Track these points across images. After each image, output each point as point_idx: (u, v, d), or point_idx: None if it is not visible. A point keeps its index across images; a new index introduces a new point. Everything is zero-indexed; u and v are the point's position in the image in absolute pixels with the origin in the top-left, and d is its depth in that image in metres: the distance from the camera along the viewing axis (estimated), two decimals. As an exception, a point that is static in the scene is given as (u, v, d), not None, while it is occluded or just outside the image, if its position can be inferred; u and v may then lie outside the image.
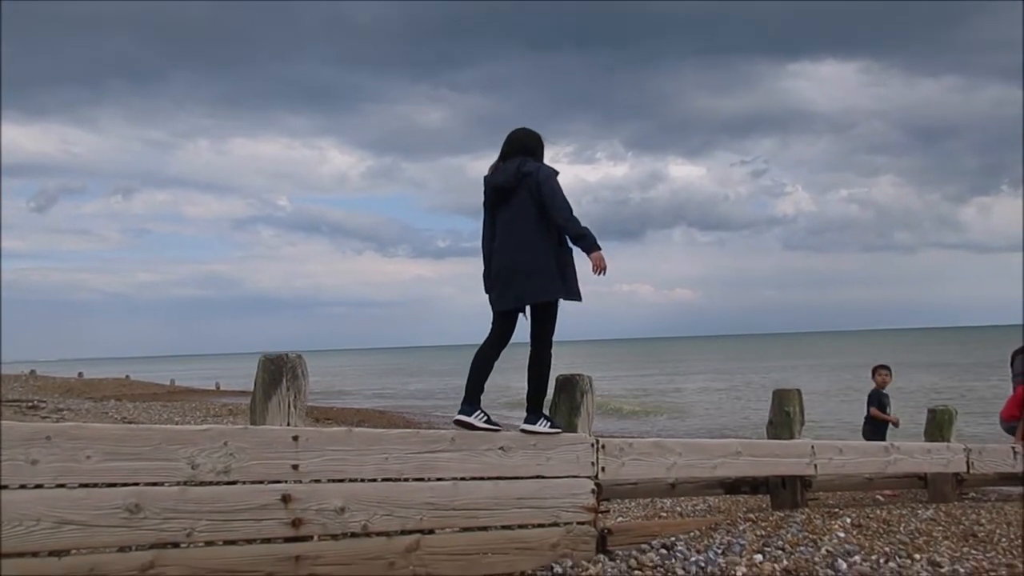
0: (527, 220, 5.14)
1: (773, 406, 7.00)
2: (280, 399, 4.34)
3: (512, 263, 5.14)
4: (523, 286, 5.12)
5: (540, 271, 5.10)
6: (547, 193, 5.09)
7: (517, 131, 5.40)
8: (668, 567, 5.00)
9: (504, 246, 5.22)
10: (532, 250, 5.11)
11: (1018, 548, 5.50)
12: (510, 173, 5.20)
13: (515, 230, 5.18)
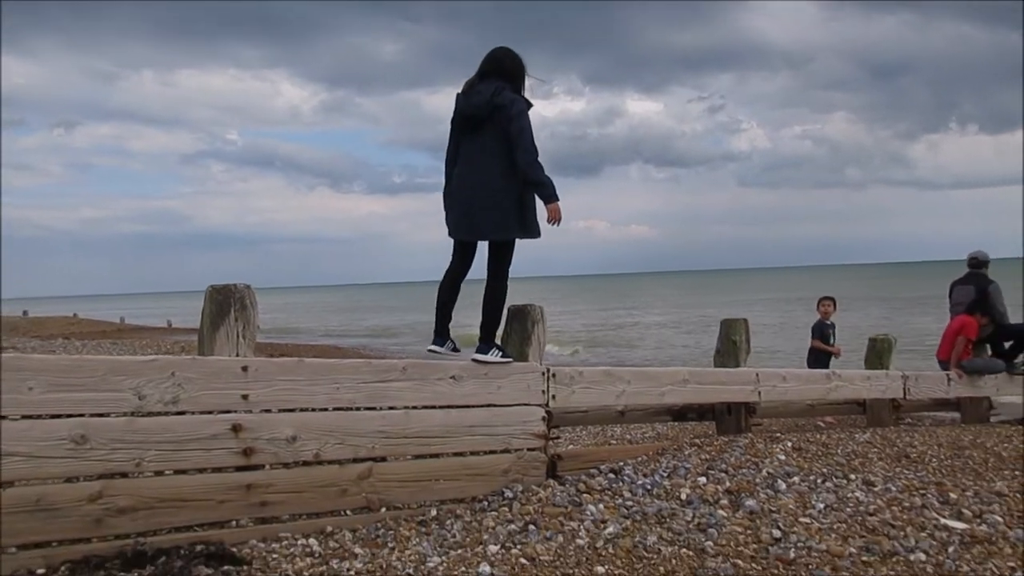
0: (492, 155, 5.08)
1: (720, 335, 7.16)
2: (228, 330, 4.31)
3: (472, 197, 5.12)
4: (480, 222, 5.12)
5: (498, 208, 5.08)
6: (515, 132, 5.00)
7: (499, 50, 5.24)
8: (616, 490, 5.15)
9: (465, 178, 5.17)
10: (493, 187, 5.07)
11: (947, 467, 5.78)
12: (481, 102, 5.06)
13: (479, 163, 5.13)
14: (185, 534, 4.02)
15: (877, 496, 5.07)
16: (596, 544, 4.34)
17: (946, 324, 9.62)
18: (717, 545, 4.34)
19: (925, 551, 4.24)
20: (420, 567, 3.98)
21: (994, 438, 6.84)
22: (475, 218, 5.12)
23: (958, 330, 9.04)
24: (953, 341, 9.00)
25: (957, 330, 9.05)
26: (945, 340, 9.25)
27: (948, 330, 9.30)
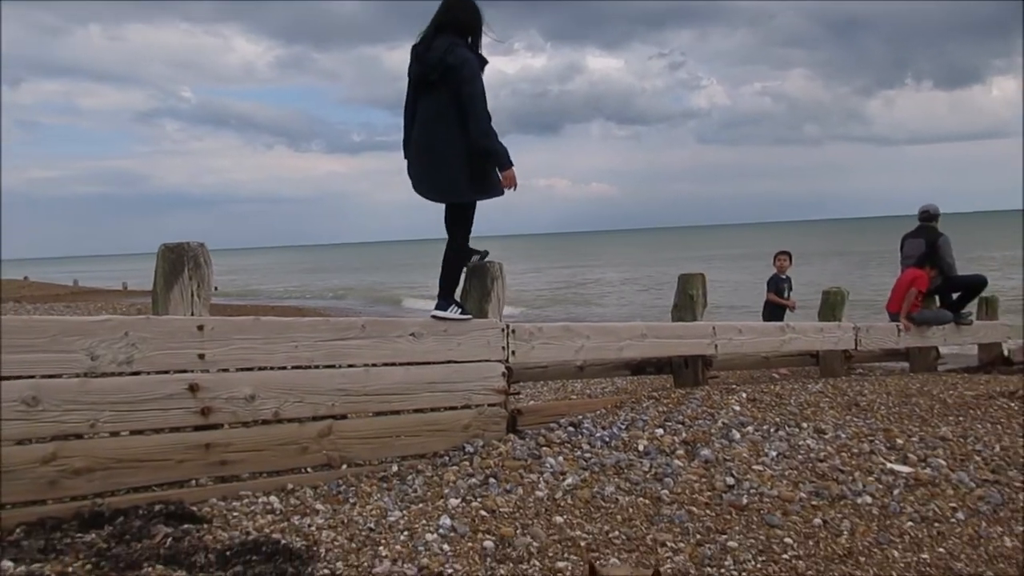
0: (444, 116, 5.00)
1: (678, 290, 7.25)
2: (183, 288, 4.25)
3: (425, 160, 5.10)
4: (434, 184, 5.11)
5: (450, 172, 5.04)
6: (467, 98, 4.92)
7: None
8: (575, 443, 5.23)
9: (420, 140, 5.13)
10: (444, 151, 5.02)
11: (895, 415, 5.97)
12: (434, 61, 4.95)
13: (433, 125, 5.06)
14: (143, 494, 4.01)
15: (827, 443, 5.22)
16: (555, 495, 4.43)
17: (897, 277, 9.85)
18: (673, 493, 4.45)
19: (871, 494, 4.40)
20: (381, 521, 4.03)
21: (940, 386, 7.07)
22: (430, 180, 5.11)
23: (909, 283, 9.25)
24: (904, 293, 9.21)
25: (908, 283, 9.25)
26: (896, 292, 9.46)
27: (899, 283, 9.51)
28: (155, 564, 3.26)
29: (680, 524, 4.05)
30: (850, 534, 3.89)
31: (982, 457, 4.94)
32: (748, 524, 4.05)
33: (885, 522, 4.04)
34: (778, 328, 8.02)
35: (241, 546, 3.48)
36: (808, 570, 3.48)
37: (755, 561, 3.59)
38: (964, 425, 5.69)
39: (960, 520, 4.05)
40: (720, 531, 3.96)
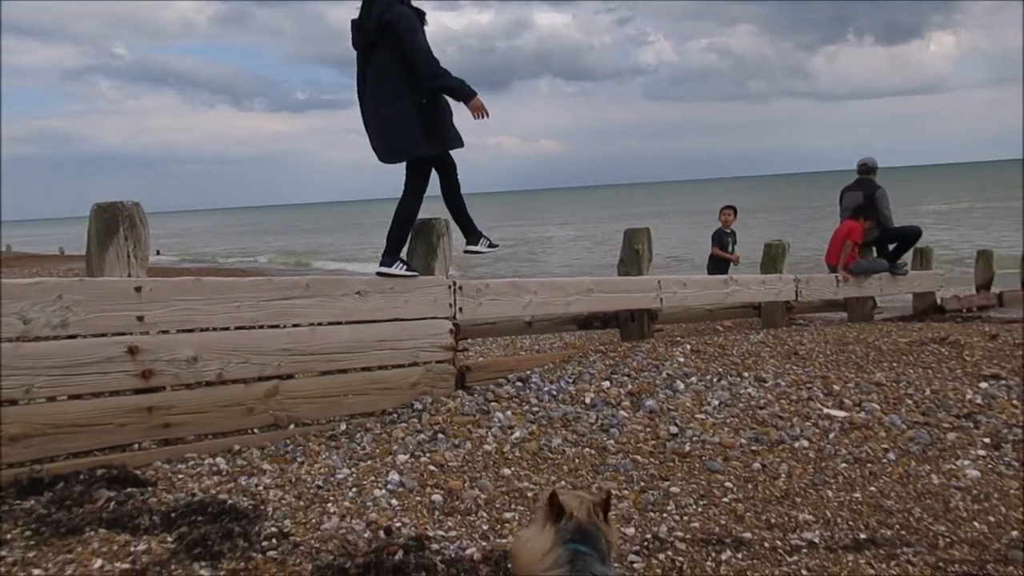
0: (392, 75, 4.98)
1: (624, 245, 7.31)
2: (118, 249, 4.13)
3: (378, 121, 5.09)
4: (390, 144, 5.10)
5: (401, 129, 5.02)
6: (409, 50, 4.88)
7: None
8: (523, 397, 5.29)
9: (370, 104, 5.13)
10: (396, 108, 5.00)
11: (832, 362, 6.16)
12: (371, 25, 4.95)
13: (380, 86, 5.05)
14: (84, 459, 3.94)
15: (768, 391, 5.37)
16: (503, 449, 4.48)
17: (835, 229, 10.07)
18: (618, 443, 4.54)
19: (808, 438, 4.55)
20: (329, 479, 4.04)
21: (876, 334, 7.30)
22: (384, 142, 5.11)
23: (845, 235, 9.45)
24: (841, 246, 9.42)
25: (844, 235, 9.46)
26: (833, 245, 9.67)
27: (835, 235, 9.71)
28: (97, 528, 3.22)
29: (625, 472, 4.14)
30: (787, 477, 4.03)
31: (913, 400, 5.13)
32: (690, 470, 4.16)
33: (821, 464, 4.19)
34: (721, 281, 8.16)
35: (187, 507, 3.45)
36: (747, 512, 3.59)
37: (696, 505, 3.70)
38: (897, 371, 5.90)
39: (891, 460, 4.22)
40: (663, 478, 4.07)
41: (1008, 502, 3.62)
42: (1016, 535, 3.26)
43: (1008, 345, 6.45)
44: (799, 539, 3.27)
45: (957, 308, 10.64)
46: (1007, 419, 4.74)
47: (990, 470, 4.04)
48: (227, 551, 3.07)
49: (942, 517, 3.48)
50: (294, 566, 3.01)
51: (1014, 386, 5.36)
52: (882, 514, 3.52)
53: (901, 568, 2.96)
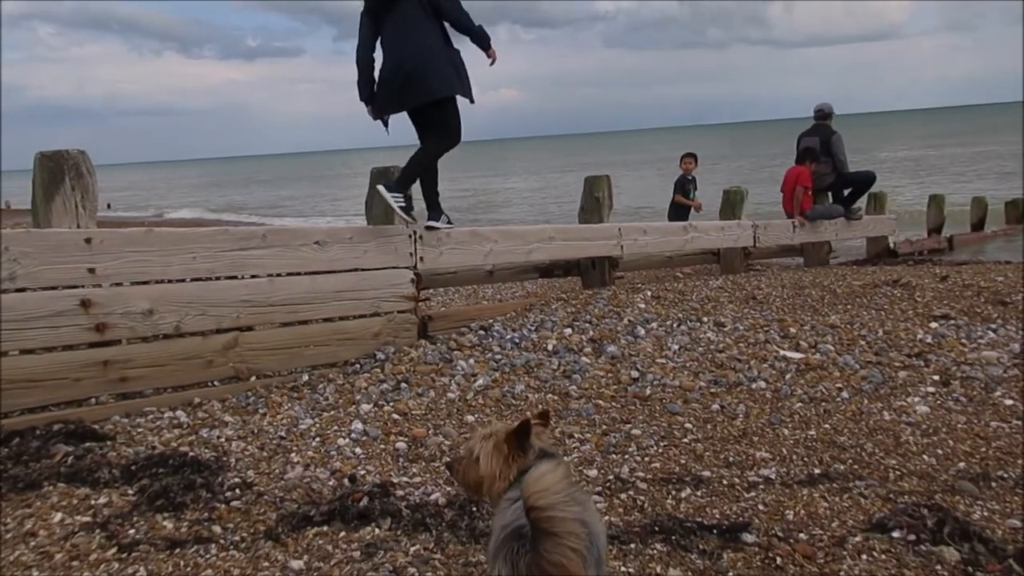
0: (418, 23, 5.12)
1: (584, 192, 7.30)
2: (65, 199, 4.02)
3: (409, 66, 5.13)
4: (425, 83, 5.17)
5: (440, 67, 5.17)
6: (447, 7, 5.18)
7: None
8: (486, 346, 5.31)
9: (403, 48, 5.18)
10: (427, 51, 5.13)
11: (789, 306, 6.26)
12: None
13: (407, 34, 5.15)
14: (40, 414, 3.88)
15: (726, 335, 5.45)
16: (467, 396, 4.51)
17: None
18: (580, 389, 4.59)
19: (765, 380, 4.64)
20: (292, 429, 4.03)
21: (831, 277, 7.43)
22: (419, 82, 5.16)
23: (794, 180, 9.51)
24: (792, 191, 9.51)
25: (794, 180, 9.52)
26: (785, 192, 9.75)
27: (786, 181, 9.75)
28: (56, 482, 3.18)
29: (587, 416, 4.19)
30: (745, 417, 4.12)
31: (866, 341, 5.25)
32: (651, 413, 4.23)
33: (777, 404, 4.29)
34: (681, 228, 8.21)
35: (147, 460, 3.43)
36: (706, 451, 3.67)
37: (657, 446, 3.77)
38: (851, 312, 6.02)
39: (845, 399, 4.33)
40: (625, 421, 4.13)
41: (956, 436, 3.74)
42: (963, 467, 3.38)
43: (958, 286, 6.61)
44: (756, 476, 3.36)
45: (909, 252, 10.89)
46: (956, 357, 4.87)
47: (939, 406, 4.17)
48: (190, 502, 3.06)
49: (893, 451, 3.59)
50: (258, 515, 3.01)
51: (963, 325, 5.50)
52: (835, 450, 3.62)
53: (853, 500, 3.06)
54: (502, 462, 2.06)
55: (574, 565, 1.67)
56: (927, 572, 2.51)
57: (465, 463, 2.15)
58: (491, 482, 2.07)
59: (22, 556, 2.62)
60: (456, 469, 2.20)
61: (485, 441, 2.11)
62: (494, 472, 2.06)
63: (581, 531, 1.70)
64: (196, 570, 2.58)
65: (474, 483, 2.13)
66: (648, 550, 2.69)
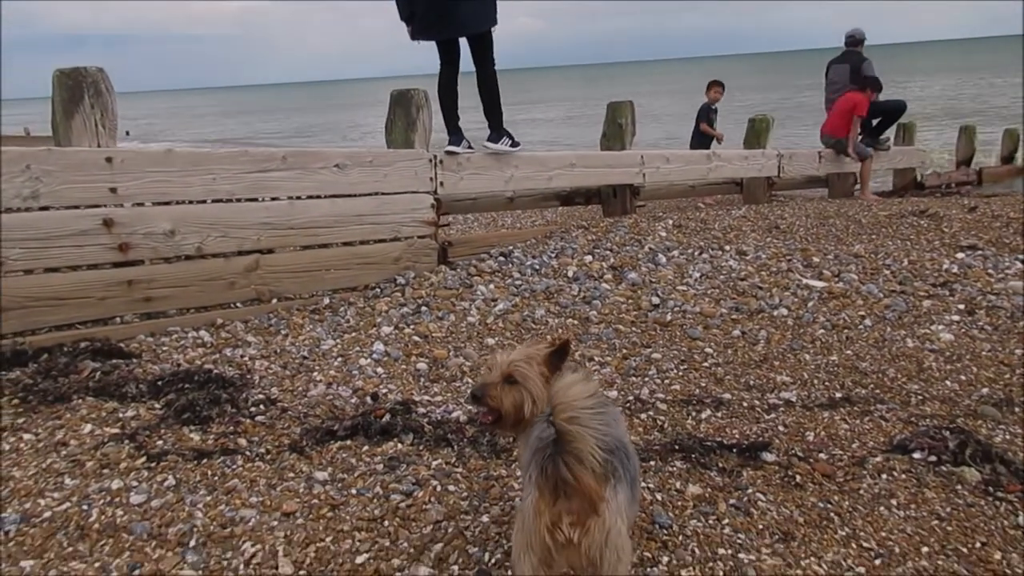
0: None
1: (607, 119, 7.16)
2: (85, 118, 3.99)
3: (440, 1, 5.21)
4: (461, 17, 5.25)
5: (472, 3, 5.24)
6: None
7: None
8: (505, 272, 5.30)
9: None
10: None
11: (812, 235, 6.18)
12: None
13: None
14: (68, 332, 3.93)
15: (748, 264, 5.40)
16: (487, 320, 4.52)
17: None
18: (600, 314, 4.59)
19: (787, 307, 4.61)
20: (315, 350, 4.07)
21: (856, 208, 7.31)
22: (454, 16, 5.24)
23: (851, 108, 9.10)
24: (847, 119, 9.07)
25: (850, 108, 9.11)
26: (835, 115, 9.29)
27: (839, 106, 9.31)
28: (85, 396, 3.24)
29: (607, 341, 4.20)
30: (766, 342, 4.11)
31: (891, 271, 5.19)
32: (671, 338, 4.22)
33: (799, 331, 4.27)
34: (704, 156, 8.07)
35: (173, 376, 3.47)
36: (727, 375, 3.67)
37: (677, 370, 3.77)
38: (876, 242, 5.94)
39: (867, 326, 4.30)
40: (645, 345, 4.13)
41: (980, 363, 3.71)
42: (986, 392, 3.36)
43: (986, 217, 6.49)
44: (776, 399, 3.36)
45: (937, 185, 10.66)
46: (982, 287, 4.81)
47: (963, 334, 4.13)
48: (215, 416, 3.11)
49: (915, 377, 3.57)
50: (283, 430, 3.06)
51: (990, 256, 5.42)
52: (857, 375, 3.61)
53: (874, 423, 3.06)
54: (545, 384, 1.99)
55: (589, 480, 1.68)
56: (947, 492, 2.52)
57: (503, 389, 2.02)
58: (539, 405, 1.99)
59: (54, 464, 2.68)
60: (490, 395, 2.03)
61: (527, 365, 2.01)
62: (542, 395, 1.98)
63: (605, 446, 1.70)
64: (223, 480, 2.63)
65: (514, 407, 2.01)
66: (668, 467, 2.71)
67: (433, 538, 2.29)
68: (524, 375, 2.01)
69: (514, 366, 2.02)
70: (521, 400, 2.01)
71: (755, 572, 2.10)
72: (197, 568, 2.13)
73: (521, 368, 2.02)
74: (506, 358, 2.05)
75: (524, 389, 2.01)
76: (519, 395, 2.01)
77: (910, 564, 2.14)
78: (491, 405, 2.04)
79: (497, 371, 2.04)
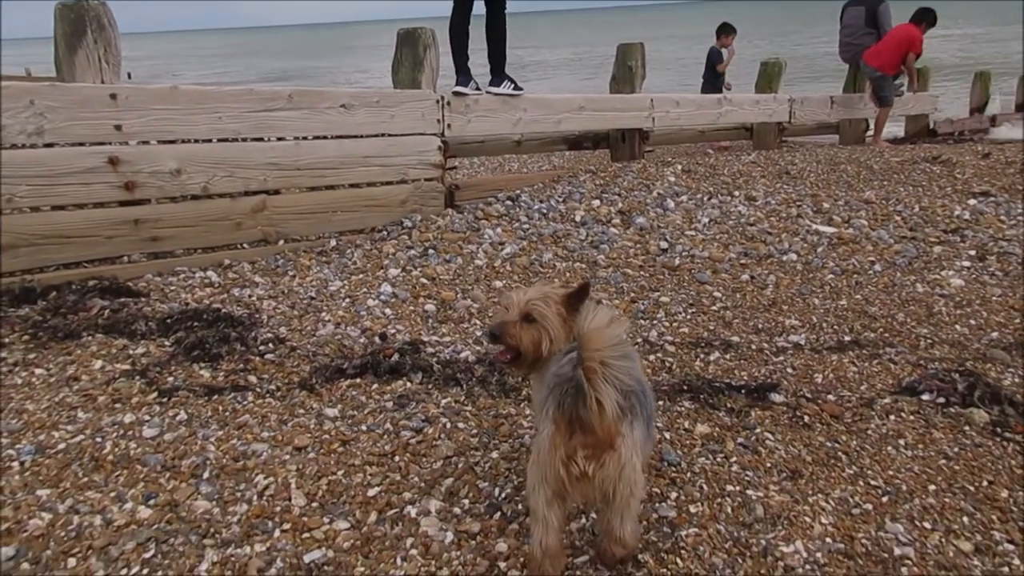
0: None
1: (616, 61, 7.04)
2: (88, 53, 3.92)
3: None
4: None
5: None
6: None
7: None
8: (513, 215, 5.26)
9: None
10: None
11: (823, 181, 6.12)
12: None
13: None
14: (75, 270, 3.93)
15: (757, 209, 5.36)
16: (494, 263, 4.51)
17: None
18: (608, 258, 4.57)
19: (797, 252, 4.59)
20: (322, 291, 4.06)
21: (868, 154, 7.23)
22: None
23: (907, 43, 8.69)
24: (899, 55, 8.72)
25: (905, 42, 8.69)
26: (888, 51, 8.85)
27: (892, 39, 8.87)
28: (94, 333, 3.25)
29: (615, 284, 4.19)
30: (775, 287, 4.09)
31: (902, 217, 5.15)
32: (680, 282, 4.21)
33: (808, 275, 4.25)
34: (715, 100, 7.96)
35: (182, 314, 3.48)
36: (735, 319, 3.67)
37: (685, 313, 3.77)
38: (887, 189, 5.88)
39: (877, 272, 4.28)
40: (653, 289, 4.12)
41: (990, 308, 3.70)
42: (996, 336, 3.36)
43: (1000, 163, 6.41)
44: (785, 342, 3.36)
45: (949, 132, 10.51)
46: (993, 233, 4.78)
47: (974, 279, 4.11)
48: (225, 354, 3.13)
49: (925, 321, 3.56)
50: (292, 368, 3.08)
51: (1002, 202, 5.37)
52: (866, 319, 3.61)
53: (883, 365, 3.06)
54: (562, 324, 1.99)
55: (609, 423, 1.69)
56: (955, 432, 2.53)
57: (521, 327, 2.01)
58: (557, 344, 1.98)
59: (67, 398, 2.70)
60: (509, 333, 2.02)
61: (545, 304, 2.00)
62: (560, 334, 1.98)
63: (625, 387, 1.71)
64: (234, 415, 2.65)
65: (532, 345, 2.01)
66: (676, 407, 2.72)
67: (444, 473, 2.32)
68: (542, 314, 2.00)
69: (532, 304, 2.01)
70: (539, 338, 2.01)
71: (763, 508, 2.12)
72: (211, 499, 2.16)
73: (539, 307, 2.01)
74: (523, 296, 2.04)
75: (542, 327, 2.00)
76: (537, 333, 2.01)
77: (917, 501, 2.16)
78: (509, 343, 2.03)
79: (515, 310, 2.03)
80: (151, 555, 1.92)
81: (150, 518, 2.06)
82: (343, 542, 1.99)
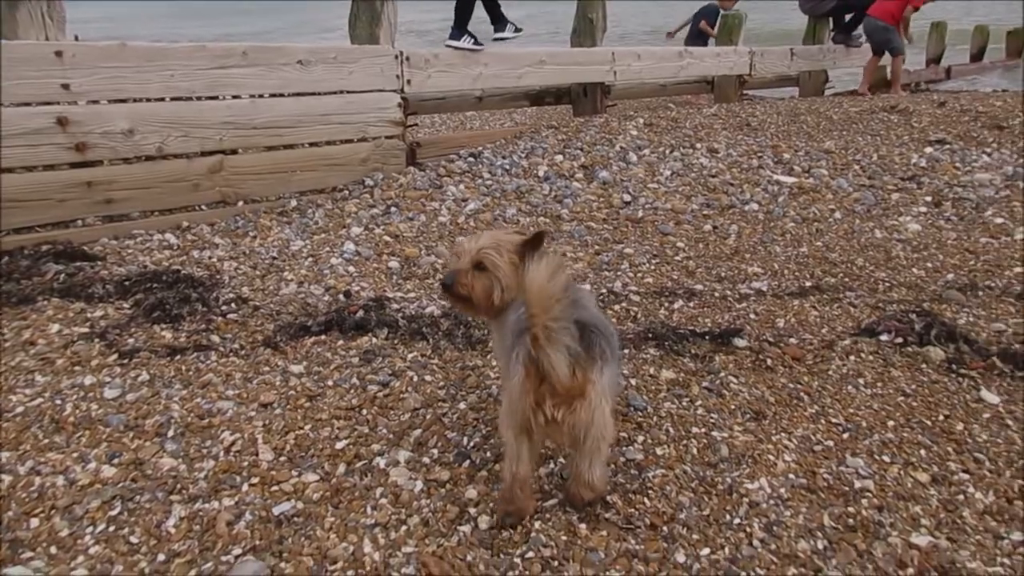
0: None
1: (577, 14, 6.97)
2: (31, 8, 3.77)
3: None
4: None
5: None
6: None
7: None
8: (475, 172, 5.22)
9: None
10: None
11: (783, 132, 6.16)
12: None
13: None
14: (28, 235, 3.81)
15: (719, 161, 5.38)
16: (457, 220, 4.48)
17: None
18: (572, 212, 4.57)
19: (758, 202, 4.63)
20: (284, 251, 4.01)
21: (827, 104, 7.28)
22: None
23: None
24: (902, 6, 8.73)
25: None
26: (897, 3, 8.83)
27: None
28: (50, 297, 3.18)
29: (579, 238, 4.19)
30: (737, 236, 4.13)
31: (860, 166, 5.21)
32: (643, 234, 4.23)
33: (769, 224, 4.29)
34: (676, 53, 7.92)
35: (140, 277, 3.41)
36: (698, 268, 3.70)
37: (649, 264, 3.79)
38: (847, 138, 5.94)
39: (837, 219, 4.34)
40: (617, 241, 4.13)
41: (945, 251, 3.78)
42: (952, 278, 3.43)
43: (955, 112, 6.50)
44: (748, 288, 3.40)
45: (906, 83, 10.61)
46: (949, 180, 4.86)
47: (930, 224, 4.19)
48: (187, 315, 3.08)
49: (883, 265, 3.63)
50: (256, 327, 3.04)
51: (957, 150, 5.45)
52: (827, 265, 3.66)
53: (843, 309, 3.11)
54: (515, 272, 1.93)
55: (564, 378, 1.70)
56: (912, 371, 2.59)
57: (473, 276, 1.98)
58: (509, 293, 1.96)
59: (24, 362, 2.64)
60: (460, 283, 1.99)
61: (496, 252, 1.97)
62: (512, 283, 1.94)
63: (584, 333, 1.71)
64: (198, 374, 2.62)
65: (484, 294, 1.99)
66: (641, 355, 2.74)
67: (412, 424, 2.32)
68: (494, 263, 1.97)
69: (484, 253, 1.98)
70: (491, 287, 1.99)
71: (728, 448, 2.16)
72: (177, 456, 2.14)
73: (491, 256, 1.98)
74: (475, 244, 2.01)
75: (494, 276, 1.98)
76: (488, 282, 1.99)
77: (876, 437, 2.21)
78: (461, 293, 2.01)
79: (467, 258, 2.00)
80: (116, 512, 1.90)
81: (115, 476, 2.04)
82: (312, 494, 1.98)
